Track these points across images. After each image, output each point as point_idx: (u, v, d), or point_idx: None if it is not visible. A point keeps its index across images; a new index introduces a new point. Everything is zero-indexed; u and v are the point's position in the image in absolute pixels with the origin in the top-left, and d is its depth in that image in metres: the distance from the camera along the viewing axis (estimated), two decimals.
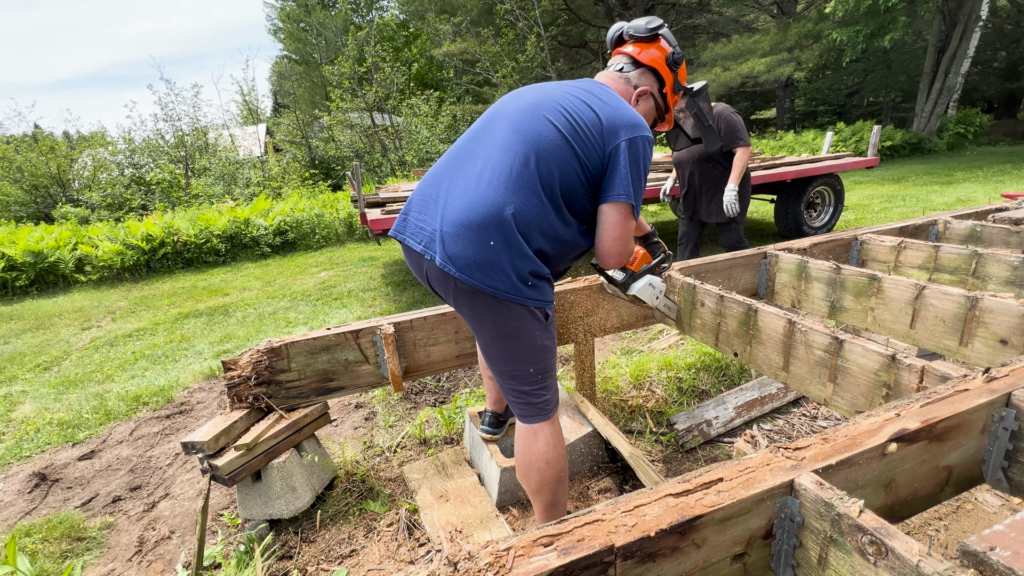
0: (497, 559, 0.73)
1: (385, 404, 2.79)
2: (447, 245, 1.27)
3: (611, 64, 1.59)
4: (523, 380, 1.41)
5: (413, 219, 1.39)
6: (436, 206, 1.34)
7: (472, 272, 1.25)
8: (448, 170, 1.39)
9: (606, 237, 1.37)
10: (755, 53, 15.35)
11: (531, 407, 1.43)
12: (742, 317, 1.86)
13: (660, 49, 1.54)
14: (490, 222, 1.24)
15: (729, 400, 2.45)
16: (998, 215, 2.85)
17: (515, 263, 1.27)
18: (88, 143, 14.11)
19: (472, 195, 1.27)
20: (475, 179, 1.30)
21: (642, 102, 1.54)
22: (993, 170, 10.77)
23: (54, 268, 6.70)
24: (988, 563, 0.73)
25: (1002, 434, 1.07)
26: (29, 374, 3.76)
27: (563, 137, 1.30)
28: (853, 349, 1.49)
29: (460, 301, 1.34)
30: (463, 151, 1.40)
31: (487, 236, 1.24)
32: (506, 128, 1.34)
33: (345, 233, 8.41)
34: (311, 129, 16.49)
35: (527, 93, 1.43)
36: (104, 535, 2.02)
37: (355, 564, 1.72)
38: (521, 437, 1.46)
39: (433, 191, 1.37)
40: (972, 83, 17.19)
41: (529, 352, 1.37)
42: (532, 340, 1.36)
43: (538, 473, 1.44)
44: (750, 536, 0.87)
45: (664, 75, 1.55)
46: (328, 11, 22.25)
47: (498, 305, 1.30)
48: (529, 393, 1.42)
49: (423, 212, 1.37)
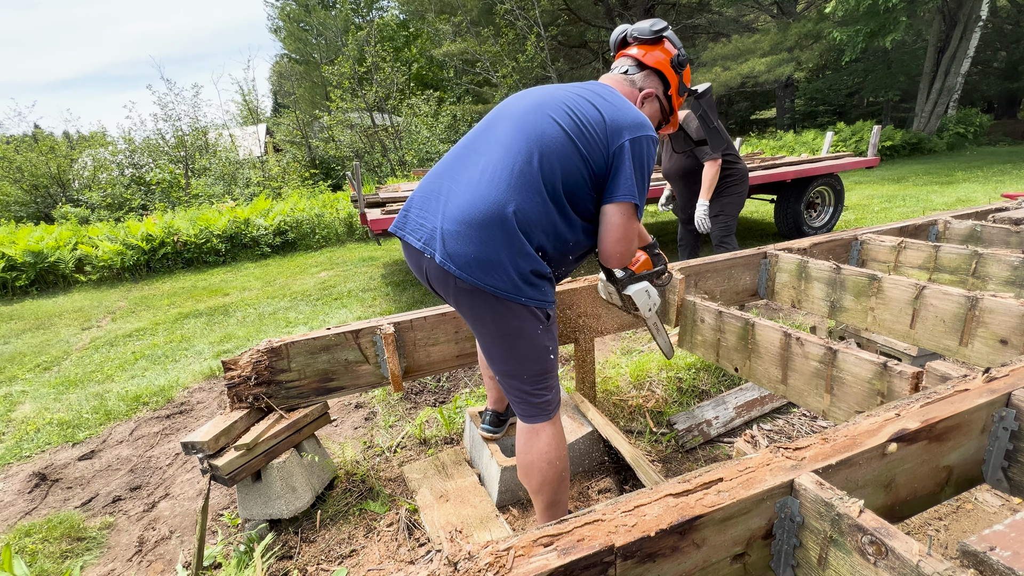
0: (497, 559, 0.73)
1: (385, 404, 2.79)
2: (447, 242, 1.26)
3: (615, 67, 1.58)
4: (524, 380, 1.40)
5: (414, 216, 1.38)
6: (437, 203, 1.33)
7: (472, 270, 1.24)
8: (450, 168, 1.38)
9: (609, 237, 1.36)
10: (755, 53, 15.35)
11: (532, 407, 1.43)
12: (740, 332, 1.86)
13: (664, 51, 1.53)
14: (491, 220, 1.23)
15: (729, 400, 2.45)
16: (998, 215, 2.85)
17: (516, 261, 1.26)
18: (88, 143, 14.11)
19: (473, 192, 1.26)
20: (477, 177, 1.29)
21: (647, 104, 1.53)
22: (993, 170, 10.78)
23: (54, 268, 6.70)
24: (988, 563, 0.73)
25: (1002, 434, 1.07)
26: (29, 374, 3.76)
27: (567, 135, 1.29)
28: (847, 359, 1.50)
29: (460, 300, 1.33)
30: (466, 149, 1.40)
31: (488, 234, 1.23)
32: (509, 127, 1.33)
33: (345, 233, 8.41)
34: (311, 129, 16.49)
35: (531, 93, 1.43)
36: (104, 535, 2.02)
37: (355, 564, 1.72)
38: (523, 437, 1.46)
39: (435, 188, 1.36)
40: (972, 83, 17.20)
41: (530, 352, 1.37)
42: (533, 340, 1.35)
43: (540, 473, 1.43)
44: (750, 536, 0.87)
45: (669, 77, 1.54)
46: (328, 11, 22.25)
47: (498, 304, 1.29)
48: (530, 393, 1.41)
49: (424, 209, 1.36)
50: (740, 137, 9.40)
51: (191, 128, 13.83)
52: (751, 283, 2.50)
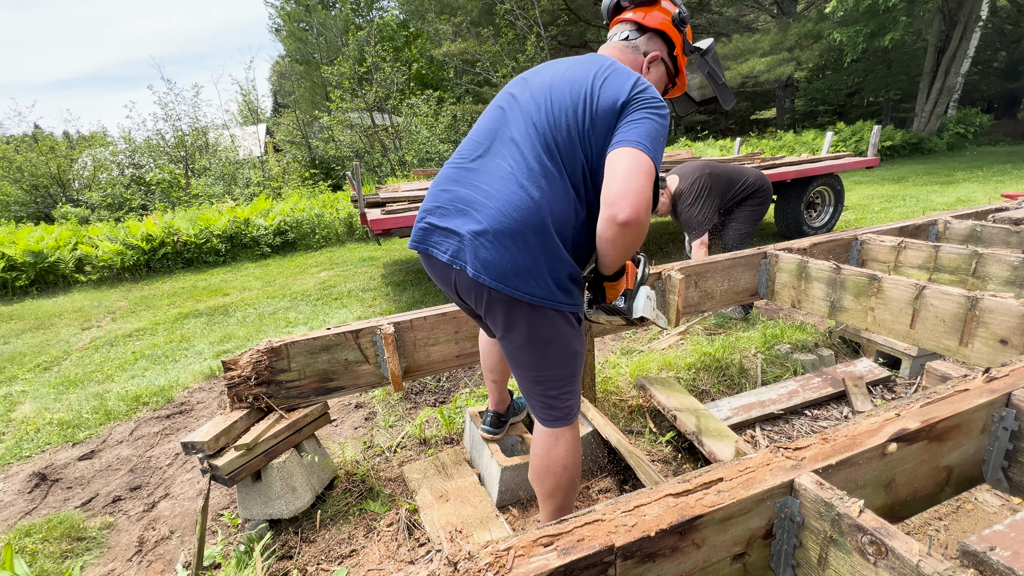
0: (497, 559, 0.73)
1: (385, 404, 2.79)
2: (479, 253, 1.19)
3: (613, 35, 1.48)
4: (551, 385, 1.35)
5: (434, 228, 1.30)
6: (459, 212, 1.25)
7: (508, 280, 1.19)
8: (466, 175, 1.30)
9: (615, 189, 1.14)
10: (755, 53, 15.37)
11: (556, 411, 1.38)
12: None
13: (663, 10, 1.43)
14: (526, 227, 1.18)
15: (730, 402, 2.45)
16: (998, 215, 2.85)
17: (553, 267, 1.21)
18: (88, 143, 14.12)
19: (503, 201, 1.20)
20: (500, 183, 1.22)
21: (653, 69, 1.44)
22: (993, 170, 10.77)
23: (54, 268, 6.70)
24: (988, 563, 0.73)
25: (1002, 434, 1.07)
26: (29, 374, 3.76)
27: (580, 126, 1.22)
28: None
29: (493, 309, 1.28)
30: (477, 150, 1.32)
31: (524, 242, 1.18)
32: (521, 124, 1.27)
33: (345, 233, 8.41)
34: (311, 129, 16.48)
35: (535, 82, 1.34)
36: (104, 535, 2.01)
37: (355, 564, 1.72)
38: (541, 440, 1.42)
39: (453, 197, 1.28)
40: (972, 83, 17.20)
41: (561, 358, 1.32)
42: (565, 346, 1.31)
43: (554, 478, 1.40)
44: (750, 536, 0.87)
45: (673, 36, 1.44)
46: (328, 11, 22.26)
47: (533, 313, 1.24)
48: (555, 397, 1.37)
49: (445, 220, 1.27)
50: (740, 137, 9.39)
51: (191, 128, 13.83)
52: (751, 283, 2.50)
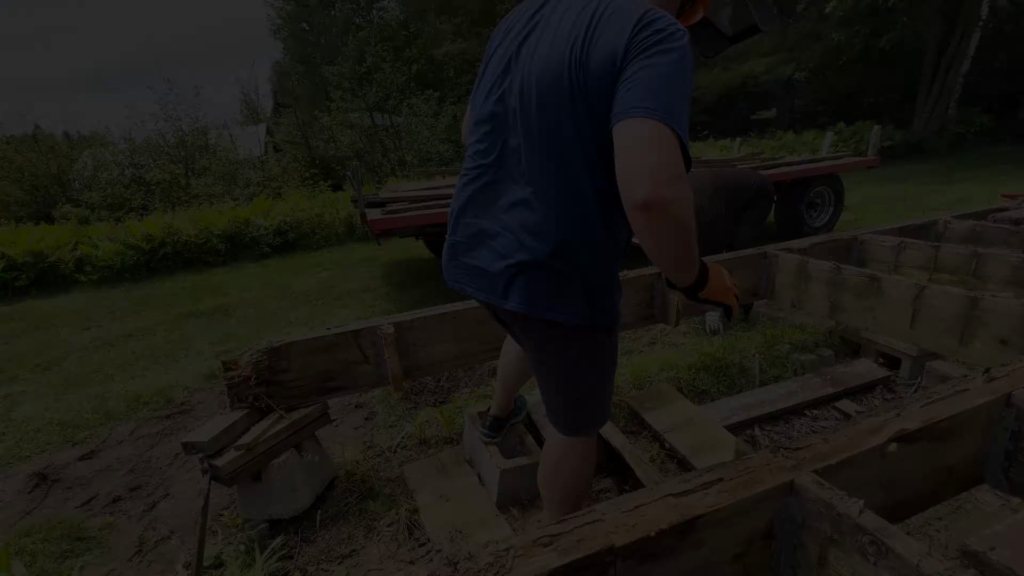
0: (497, 559, 0.73)
1: (385, 404, 2.79)
2: (516, 282, 1.14)
3: None
4: (581, 402, 1.31)
5: (463, 261, 1.25)
6: (488, 243, 1.19)
7: (546, 305, 1.14)
8: (483, 200, 1.21)
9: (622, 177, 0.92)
10: (755, 53, 15.36)
11: (579, 422, 1.35)
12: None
13: None
14: (559, 251, 1.10)
15: (730, 402, 2.45)
16: (998, 215, 2.85)
17: (588, 282, 1.15)
18: (88, 143, 14.13)
19: (532, 225, 1.11)
20: (524, 204, 1.13)
21: None
22: (993, 170, 10.77)
23: (54, 268, 6.69)
24: (988, 563, 0.73)
25: (1002, 434, 1.07)
26: (29, 374, 3.75)
27: (591, 114, 1.03)
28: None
29: (528, 333, 1.25)
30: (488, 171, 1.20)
31: (559, 267, 1.11)
32: (521, 131, 1.11)
33: (345, 233, 8.40)
34: (311, 129, 16.46)
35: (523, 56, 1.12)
36: (104, 535, 2.01)
37: (355, 564, 1.72)
38: (557, 449, 1.38)
39: (477, 227, 1.21)
40: (972, 83, 17.15)
41: (593, 372, 1.28)
42: (596, 360, 1.27)
43: (563, 488, 1.38)
44: (750, 536, 0.87)
45: None
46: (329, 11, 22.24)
47: (571, 331, 1.19)
48: (582, 411, 1.33)
49: (472, 252, 1.22)
50: (740, 137, 9.39)
51: (191, 128, 13.83)
52: (751, 283, 2.50)
